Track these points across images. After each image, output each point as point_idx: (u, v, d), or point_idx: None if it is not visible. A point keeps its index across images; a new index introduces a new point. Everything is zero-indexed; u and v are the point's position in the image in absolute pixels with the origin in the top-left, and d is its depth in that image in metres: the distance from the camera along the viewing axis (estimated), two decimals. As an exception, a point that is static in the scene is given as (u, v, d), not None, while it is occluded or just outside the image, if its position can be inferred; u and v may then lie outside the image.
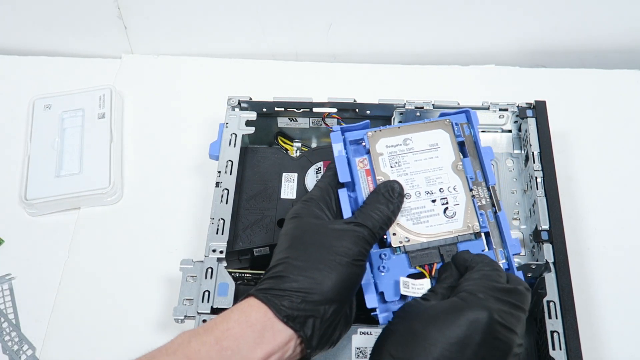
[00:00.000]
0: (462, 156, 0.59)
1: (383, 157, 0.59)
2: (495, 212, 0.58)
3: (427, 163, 0.59)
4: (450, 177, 0.58)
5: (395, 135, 0.60)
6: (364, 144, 0.60)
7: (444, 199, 0.58)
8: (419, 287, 0.53)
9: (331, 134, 0.60)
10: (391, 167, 0.59)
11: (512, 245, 0.57)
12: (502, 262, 0.56)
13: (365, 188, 0.58)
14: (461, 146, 0.60)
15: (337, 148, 0.59)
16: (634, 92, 0.88)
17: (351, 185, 0.58)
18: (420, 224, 0.57)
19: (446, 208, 0.57)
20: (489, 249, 0.57)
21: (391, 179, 0.57)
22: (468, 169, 0.59)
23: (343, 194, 0.57)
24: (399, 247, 0.56)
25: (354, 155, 0.60)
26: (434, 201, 0.57)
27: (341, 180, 0.57)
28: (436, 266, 0.56)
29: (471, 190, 0.58)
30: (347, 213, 0.56)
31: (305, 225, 0.53)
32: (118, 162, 0.82)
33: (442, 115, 0.62)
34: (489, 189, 0.59)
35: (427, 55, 0.94)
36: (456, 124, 0.61)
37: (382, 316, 0.55)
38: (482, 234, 0.57)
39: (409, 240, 0.56)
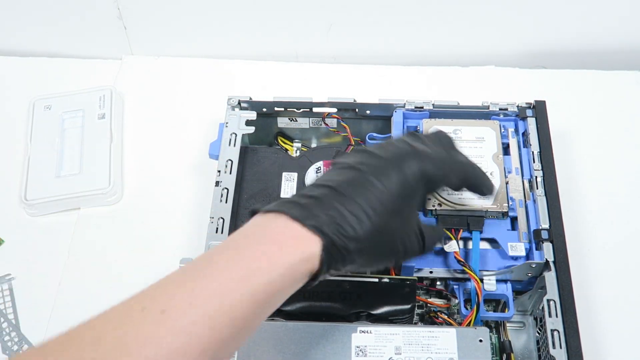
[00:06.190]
0: (503, 152, 0.68)
1: None
2: (526, 201, 0.65)
3: (470, 151, 0.67)
4: (489, 165, 0.66)
5: (447, 125, 0.69)
6: (418, 128, 0.70)
7: None
8: (448, 247, 0.61)
9: (394, 114, 0.71)
10: None
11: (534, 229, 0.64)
12: (524, 242, 0.63)
13: None
14: (504, 147, 0.69)
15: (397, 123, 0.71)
16: (634, 93, 0.88)
17: None
18: (453, 195, 0.64)
19: None
20: (513, 230, 0.64)
21: None
22: (507, 162, 0.67)
23: None
24: (431, 210, 0.63)
25: None
26: None
27: None
28: (462, 232, 0.62)
29: (506, 178, 0.66)
30: None
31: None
32: (118, 162, 0.82)
33: (493, 118, 0.71)
34: (523, 183, 0.66)
35: (427, 57, 0.94)
36: (504, 126, 0.70)
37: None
38: (510, 216, 0.64)
39: (440, 205, 0.63)
